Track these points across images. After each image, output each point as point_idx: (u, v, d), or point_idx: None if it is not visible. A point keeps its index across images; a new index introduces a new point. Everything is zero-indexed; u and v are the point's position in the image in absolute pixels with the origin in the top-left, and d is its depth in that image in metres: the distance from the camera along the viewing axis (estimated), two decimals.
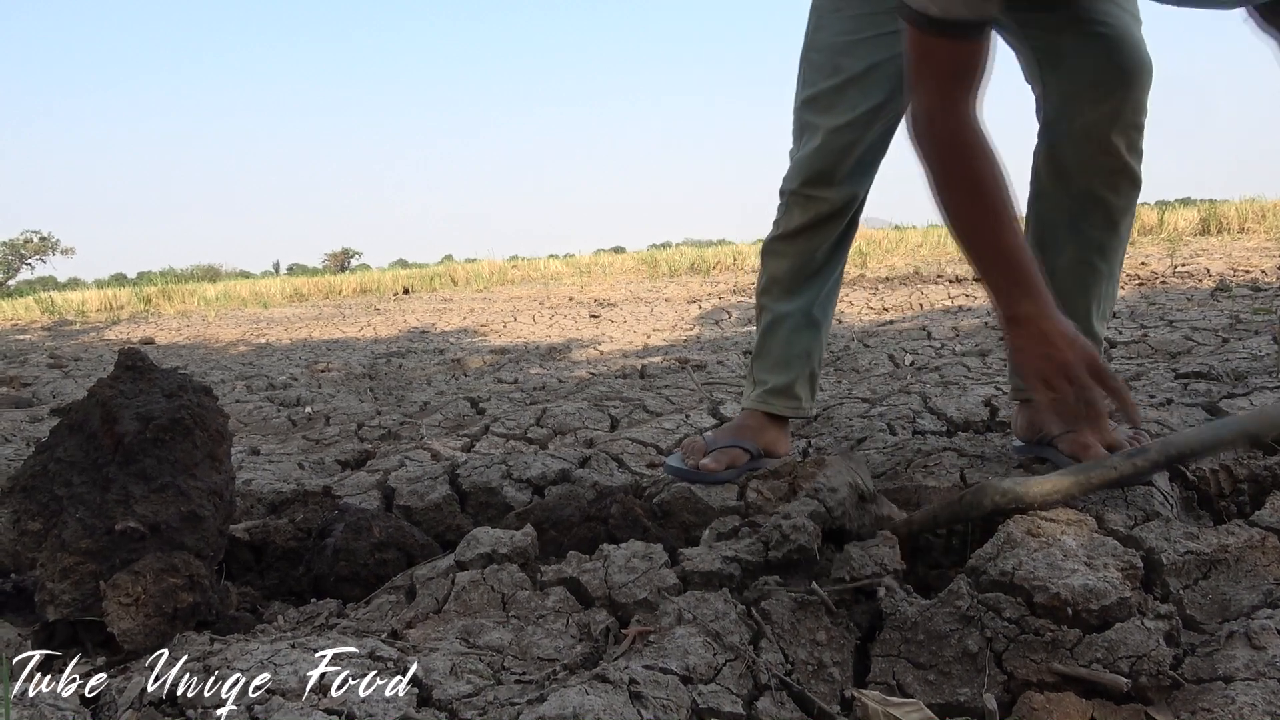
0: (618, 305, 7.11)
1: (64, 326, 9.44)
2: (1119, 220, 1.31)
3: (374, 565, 1.32)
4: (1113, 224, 1.31)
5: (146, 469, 1.17)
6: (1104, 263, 1.33)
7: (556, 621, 1.07)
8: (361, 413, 2.88)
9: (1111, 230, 1.32)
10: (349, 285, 13.70)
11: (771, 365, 1.56)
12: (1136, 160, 1.29)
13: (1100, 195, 1.29)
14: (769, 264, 1.57)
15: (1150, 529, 1.11)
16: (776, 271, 1.56)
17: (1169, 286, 4.85)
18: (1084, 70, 1.24)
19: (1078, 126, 1.26)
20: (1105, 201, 1.29)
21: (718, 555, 1.15)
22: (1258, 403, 1.52)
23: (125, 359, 1.25)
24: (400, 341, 5.59)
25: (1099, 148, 1.26)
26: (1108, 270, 1.34)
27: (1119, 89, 1.23)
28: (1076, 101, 1.25)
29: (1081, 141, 1.27)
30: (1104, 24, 1.24)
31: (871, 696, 0.90)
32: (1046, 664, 0.91)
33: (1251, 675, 0.85)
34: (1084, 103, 1.24)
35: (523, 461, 1.74)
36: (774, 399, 1.55)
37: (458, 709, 0.87)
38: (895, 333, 3.94)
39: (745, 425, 1.56)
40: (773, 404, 1.55)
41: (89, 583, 1.11)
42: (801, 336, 1.53)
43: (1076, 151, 1.28)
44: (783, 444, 1.59)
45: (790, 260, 1.53)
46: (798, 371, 1.55)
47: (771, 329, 1.57)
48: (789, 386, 1.55)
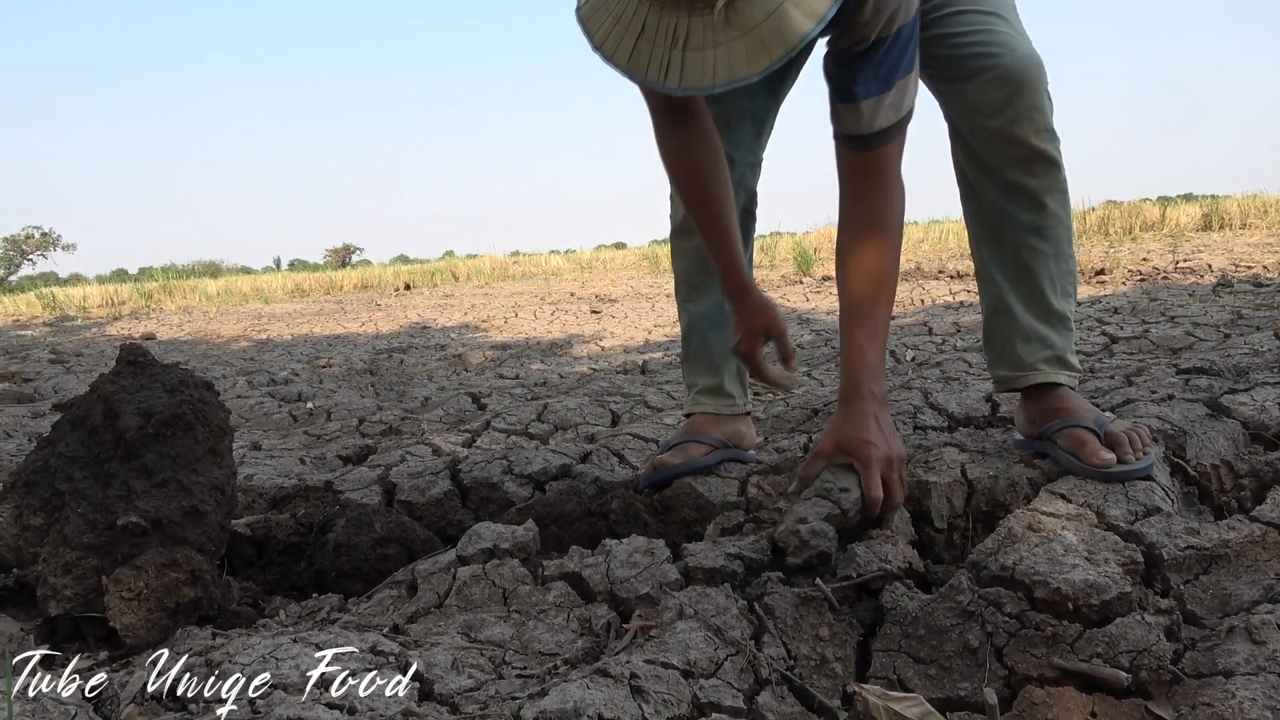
0: (619, 301, 7.10)
1: (66, 322, 9.44)
2: (1044, 199, 1.32)
3: (375, 560, 1.33)
4: (1039, 204, 1.32)
5: (148, 464, 1.17)
6: (1044, 242, 1.34)
7: (558, 616, 1.07)
8: (363, 408, 2.88)
9: (1039, 210, 1.33)
10: (350, 281, 13.71)
11: (698, 368, 1.58)
12: (1046, 140, 1.30)
13: (1019, 181, 1.31)
14: (675, 263, 1.61)
15: (1151, 524, 1.11)
16: (681, 270, 1.59)
17: (1170, 282, 4.85)
18: (969, 91, 1.28)
19: (979, 130, 1.30)
20: (1025, 186, 1.31)
21: (721, 551, 1.15)
22: (1259, 398, 1.52)
23: (127, 354, 1.25)
24: (401, 337, 5.60)
25: (1006, 142, 1.29)
26: (1052, 250, 1.35)
27: (1010, 100, 1.26)
28: (971, 114, 1.30)
29: (987, 141, 1.30)
30: (971, 38, 1.28)
31: (872, 691, 0.90)
32: (1047, 659, 0.91)
33: (1252, 670, 0.85)
34: (980, 115, 1.29)
35: (524, 457, 1.74)
36: (707, 399, 1.58)
37: (459, 703, 0.87)
38: (896, 328, 3.94)
39: (693, 426, 1.58)
40: (706, 404, 1.57)
41: (91, 578, 1.12)
42: (720, 335, 1.54)
43: (985, 149, 1.31)
44: (748, 435, 1.61)
45: (689, 257, 1.56)
46: (725, 370, 1.57)
47: (690, 332, 1.59)
48: (719, 386, 1.57)
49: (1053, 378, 1.36)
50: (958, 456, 1.35)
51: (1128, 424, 1.30)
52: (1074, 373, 1.38)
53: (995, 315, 1.41)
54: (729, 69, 0.94)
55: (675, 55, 0.95)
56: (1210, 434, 1.39)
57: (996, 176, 1.33)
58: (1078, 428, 1.28)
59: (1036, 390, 1.37)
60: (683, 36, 0.94)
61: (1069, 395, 1.36)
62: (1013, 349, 1.38)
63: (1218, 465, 1.31)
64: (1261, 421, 1.44)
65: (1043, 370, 1.36)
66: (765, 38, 0.92)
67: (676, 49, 0.95)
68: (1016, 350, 1.38)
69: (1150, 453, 1.25)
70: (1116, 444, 1.24)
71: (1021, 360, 1.37)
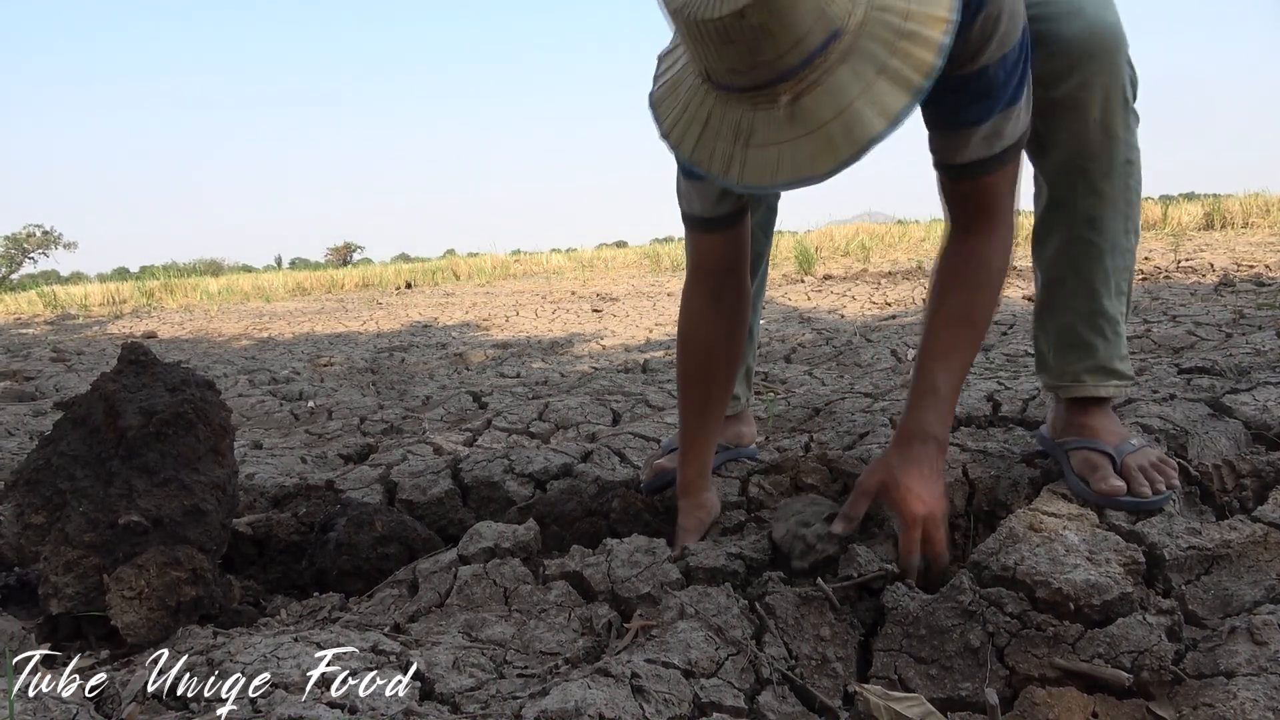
0: (620, 300, 7.10)
1: (67, 321, 9.45)
2: (1102, 185, 1.21)
3: (376, 559, 1.33)
4: (1097, 192, 1.21)
5: (149, 463, 1.17)
6: (1098, 235, 1.24)
7: (559, 615, 1.07)
8: (364, 407, 2.88)
9: (1097, 198, 1.22)
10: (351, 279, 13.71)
11: None
12: (1116, 120, 1.17)
13: (1080, 164, 1.20)
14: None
15: (1152, 524, 1.11)
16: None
17: (1172, 281, 4.84)
18: (1041, 59, 1.13)
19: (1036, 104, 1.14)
20: (1085, 170, 1.20)
21: (722, 551, 1.15)
22: (1261, 398, 1.52)
23: (128, 353, 1.25)
24: (402, 336, 5.60)
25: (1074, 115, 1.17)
26: (1107, 244, 1.24)
27: (1083, 64, 1.13)
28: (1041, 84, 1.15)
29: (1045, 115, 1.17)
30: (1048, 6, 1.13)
31: (873, 691, 0.90)
32: (1048, 659, 0.91)
33: (1253, 671, 0.85)
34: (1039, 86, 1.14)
35: (525, 456, 1.74)
36: None
37: (460, 702, 0.87)
38: (898, 327, 3.93)
39: None
40: None
41: (92, 576, 1.12)
42: None
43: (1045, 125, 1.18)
44: (748, 434, 1.61)
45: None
46: None
47: None
48: None
49: (1093, 391, 1.27)
50: (959, 456, 1.35)
51: (1155, 455, 1.22)
52: (1122, 381, 1.28)
53: (1040, 313, 1.33)
54: (793, 168, 0.88)
55: (739, 151, 0.90)
56: (1212, 434, 1.39)
57: (1053, 159, 1.21)
58: (1093, 451, 1.23)
59: (1072, 398, 1.30)
60: (746, 132, 0.89)
61: (1099, 413, 1.29)
62: (1055, 354, 1.30)
63: (1219, 465, 1.30)
64: (1263, 421, 1.43)
65: (1084, 383, 1.27)
66: (834, 137, 0.86)
67: (740, 144, 0.90)
68: (1059, 356, 1.29)
69: (1167, 489, 1.17)
70: (1129, 476, 1.18)
71: (1063, 369, 1.29)
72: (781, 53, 0.85)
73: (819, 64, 0.86)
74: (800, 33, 0.84)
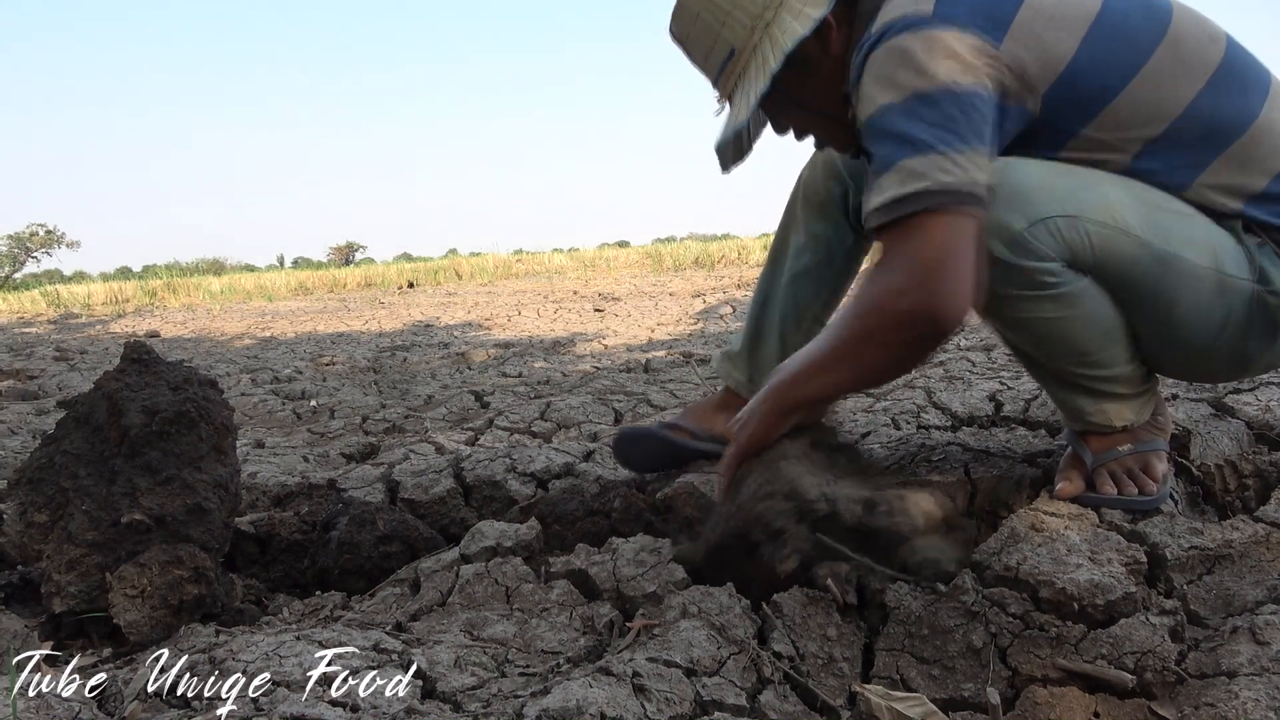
0: (622, 299, 7.10)
1: (70, 320, 9.46)
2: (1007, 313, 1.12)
3: (378, 558, 1.33)
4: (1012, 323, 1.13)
5: (152, 462, 1.17)
6: (1034, 367, 1.18)
7: (560, 614, 1.07)
8: (366, 406, 2.88)
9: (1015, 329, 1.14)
10: (353, 279, 13.71)
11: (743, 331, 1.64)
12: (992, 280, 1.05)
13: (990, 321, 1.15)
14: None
15: (1154, 524, 1.11)
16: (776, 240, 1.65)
17: None
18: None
19: None
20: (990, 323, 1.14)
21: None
22: (1263, 398, 1.52)
23: (131, 352, 1.26)
24: (404, 335, 5.60)
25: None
26: (1052, 368, 1.16)
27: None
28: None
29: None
30: None
31: (875, 691, 0.90)
32: (1051, 659, 0.91)
33: (1255, 670, 0.85)
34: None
35: (527, 455, 1.74)
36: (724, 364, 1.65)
37: (461, 701, 0.87)
38: None
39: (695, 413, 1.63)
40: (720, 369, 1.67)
41: (95, 575, 1.12)
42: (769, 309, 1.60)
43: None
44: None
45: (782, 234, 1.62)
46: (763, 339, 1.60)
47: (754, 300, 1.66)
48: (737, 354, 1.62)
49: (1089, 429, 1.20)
50: (961, 456, 1.35)
51: (1138, 463, 1.18)
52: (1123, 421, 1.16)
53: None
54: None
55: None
56: (1214, 434, 1.39)
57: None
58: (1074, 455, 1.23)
59: None
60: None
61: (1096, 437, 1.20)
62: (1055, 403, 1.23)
63: (1222, 465, 1.30)
64: (1266, 421, 1.43)
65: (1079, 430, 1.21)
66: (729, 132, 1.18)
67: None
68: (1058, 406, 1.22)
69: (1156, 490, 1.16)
70: (1098, 478, 1.18)
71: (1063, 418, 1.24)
72: (703, 62, 1.19)
73: (730, 72, 1.15)
74: (705, 48, 1.16)
